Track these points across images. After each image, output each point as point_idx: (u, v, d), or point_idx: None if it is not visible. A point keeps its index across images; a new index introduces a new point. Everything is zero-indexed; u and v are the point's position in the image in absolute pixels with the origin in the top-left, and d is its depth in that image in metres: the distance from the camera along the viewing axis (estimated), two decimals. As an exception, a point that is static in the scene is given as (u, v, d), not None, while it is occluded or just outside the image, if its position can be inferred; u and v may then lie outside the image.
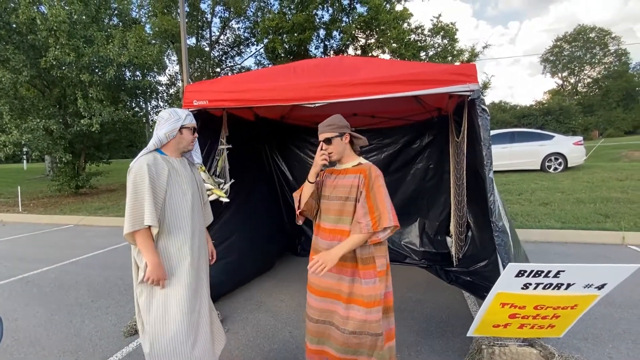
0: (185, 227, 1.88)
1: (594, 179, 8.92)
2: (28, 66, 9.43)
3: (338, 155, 1.94)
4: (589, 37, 43.11)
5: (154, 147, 1.89)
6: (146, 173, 1.74)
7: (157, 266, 1.74)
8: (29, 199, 11.36)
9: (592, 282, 1.77)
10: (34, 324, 3.16)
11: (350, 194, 1.86)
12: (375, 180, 1.83)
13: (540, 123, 28.95)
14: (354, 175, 1.88)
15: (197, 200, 2.00)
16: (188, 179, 1.95)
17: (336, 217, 1.89)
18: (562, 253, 4.68)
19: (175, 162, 1.93)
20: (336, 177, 1.96)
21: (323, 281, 1.92)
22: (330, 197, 1.94)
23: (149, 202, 1.71)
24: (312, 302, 1.98)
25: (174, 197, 1.86)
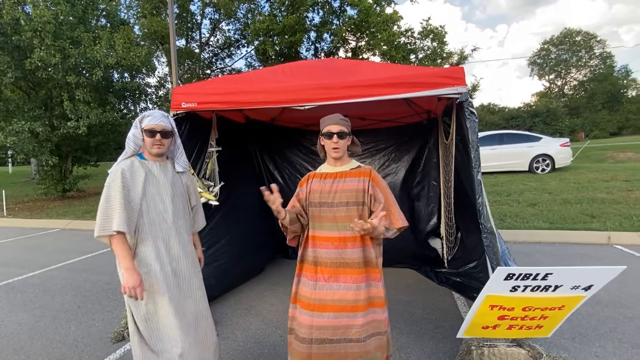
0: (164, 233, 1.84)
1: (580, 179, 9.09)
2: (12, 67, 9.24)
3: (342, 153, 1.83)
4: (575, 41, 44.04)
5: (133, 151, 1.86)
6: (119, 179, 1.74)
7: (130, 272, 1.71)
8: (14, 203, 11.11)
9: (579, 284, 1.79)
10: (17, 330, 3.08)
11: (357, 198, 1.76)
12: (381, 182, 1.81)
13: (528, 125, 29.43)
14: (357, 178, 1.80)
15: (178, 205, 1.93)
16: (167, 184, 1.89)
17: (345, 223, 1.73)
18: (549, 253, 4.75)
19: (154, 166, 1.88)
20: (334, 181, 1.82)
21: (336, 294, 1.73)
22: (333, 204, 1.78)
23: (119, 209, 1.71)
24: (323, 322, 1.72)
25: (151, 203, 1.82)
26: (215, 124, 3.38)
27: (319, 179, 1.86)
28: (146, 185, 1.81)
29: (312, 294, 1.77)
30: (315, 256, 1.81)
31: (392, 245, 4.13)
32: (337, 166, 1.87)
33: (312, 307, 1.76)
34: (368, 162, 4.38)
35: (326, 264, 1.77)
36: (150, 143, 1.85)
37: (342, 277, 1.75)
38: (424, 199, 4.23)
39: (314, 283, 1.78)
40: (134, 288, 1.69)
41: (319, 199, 1.81)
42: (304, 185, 1.90)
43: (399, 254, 4.21)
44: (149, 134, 1.84)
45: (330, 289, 1.74)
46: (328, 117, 1.84)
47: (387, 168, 4.35)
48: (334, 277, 1.75)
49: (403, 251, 4.21)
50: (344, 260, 1.75)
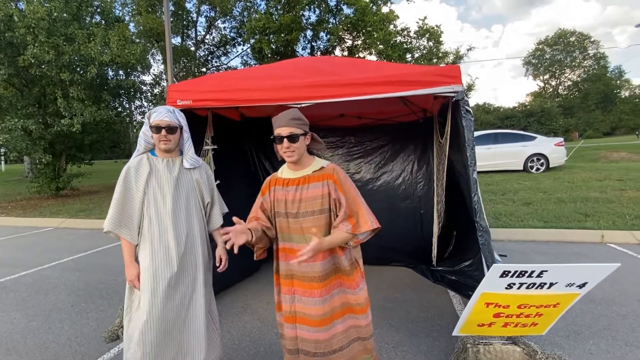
0: (163, 230, 1.85)
1: (574, 179, 9.16)
2: (5, 64, 9.13)
3: (299, 157, 1.63)
4: (569, 41, 44.45)
5: (144, 149, 1.93)
6: (123, 177, 1.85)
7: (128, 265, 1.84)
8: (7, 201, 10.99)
9: (573, 281, 1.81)
10: (10, 330, 3.04)
11: (323, 205, 1.61)
12: (345, 182, 1.63)
13: (522, 124, 29.66)
14: (321, 182, 1.62)
15: (181, 203, 1.91)
16: (170, 181, 1.89)
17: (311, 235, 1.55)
18: (544, 252, 4.78)
19: (160, 162, 1.90)
20: (296, 189, 1.64)
21: (313, 309, 1.63)
22: (299, 215, 1.63)
23: (113, 208, 1.83)
24: (305, 335, 1.66)
25: (152, 200, 1.86)
26: (211, 122, 3.36)
27: (282, 187, 1.69)
28: (149, 180, 1.86)
29: (291, 307, 1.70)
30: (289, 269, 1.69)
31: (388, 244, 4.16)
32: (298, 170, 1.68)
33: (293, 319, 1.69)
34: (364, 162, 4.38)
35: (300, 278, 1.66)
36: (157, 139, 1.88)
37: (316, 291, 1.63)
38: (420, 197, 4.23)
39: (292, 297, 1.70)
40: (131, 281, 1.83)
41: (284, 209, 1.66)
42: (267, 194, 1.73)
43: (395, 252, 4.23)
44: (155, 130, 1.86)
45: (307, 304, 1.65)
46: (277, 118, 1.63)
47: (383, 167, 4.35)
48: (309, 292, 1.64)
49: (398, 250, 4.22)
50: (316, 273, 1.63)
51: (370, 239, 1.68)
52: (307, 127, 1.67)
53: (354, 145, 4.41)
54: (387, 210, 4.18)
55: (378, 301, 3.33)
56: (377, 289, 3.61)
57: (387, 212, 4.16)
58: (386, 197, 4.30)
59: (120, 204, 1.83)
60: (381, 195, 4.30)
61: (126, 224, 1.84)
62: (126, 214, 1.83)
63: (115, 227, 1.83)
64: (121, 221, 1.83)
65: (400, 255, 4.23)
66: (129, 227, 1.85)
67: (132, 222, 1.84)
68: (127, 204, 1.84)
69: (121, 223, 1.83)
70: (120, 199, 1.83)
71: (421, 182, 4.21)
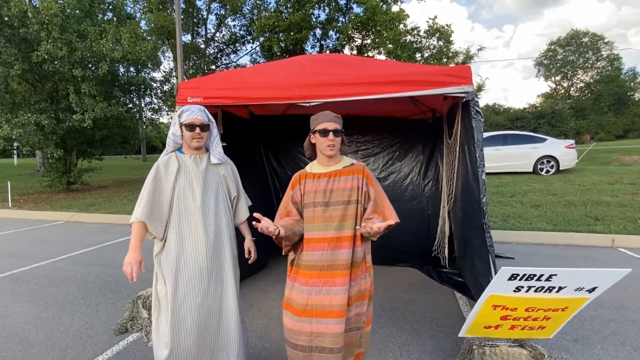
0: (193, 225, 1.89)
1: (585, 182, 9.04)
2: (19, 60, 9.29)
3: (337, 151, 1.81)
4: (582, 42, 43.70)
5: (173, 148, 1.97)
6: (153, 173, 1.88)
7: (132, 250, 1.81)
8: (19, 195, 11.19)
9: (583, 286, 1.79)
10: (22, 320, 3.11)
11: (351, 196, 1.76)
12: (374, 179, 1.83)
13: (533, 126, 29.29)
14: (351, 176, 1.79)
15: (210, 198, 1.96)
16: (199, 176, 1.94)
17: (340, 222, 1.74)
18: (552, 255, 4.73)
19: (188, 159, 1.95)
20: (328, 181, 1.79)
21: (334, 299, 1.69)
22: (330, 204, 1.76)
23: (145, 200, 1.83)
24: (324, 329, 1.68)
25: (181, 195, 1.90)
26: (221, 119, 3.38)
27: (313, 180, 1.82)
28: (178, 177, 1.90)
29: (308, 299, 1.71)
30: (312, 259, 1.75)
31: (394, 245, 4.16)
32: (330, 165, 1.83)
33: (309, 313, 1.70)
34: (372, 161, 4.37)
35: (322, 267, 1.72)
36: (190, 137, 1.92)
37: (338, 280, 1.70)
38: (428, 199, 4.21)
39: (309, 289, 1.72)
40: (130, 264, 1.77)
41: (313, 199, 1.78)
42: (297, 187, 1.85)
43: (401, 253, 4.22)
44: (189, 128, 1.90)
45: (328, 294, 1.69)
46: (322, 115, 1.80)
47: (390, 166, 4.34)
48: (331, 281, 1.71)
49: (405, 250, 4.21)
50: (340, 261, 1.72)
51: (378, 239, 1.76)
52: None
53: (362, 145, 4.40)
54: (395, 210, 4.17)
55: (384, 301, 3.34)
56: (384, 289, 3.61)
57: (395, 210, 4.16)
58: (393, 197, 4.24)
59: (151, 199, 1.85)
60: (388, 195, 4.27)
61: (156, 218, 1.86)
62: (156, 208, 1.86)
63: (148, 218, 1.82)
64: (152, 214, 1.84)
65: (406, 255, 4.23)
66: (159, 221, 1.87)
67: (161, 217, 1.87)
68: (157, 199, 1.87)
69: (152, 216, 1.84)
70: (150, 194, 1.85)
71: (429, 182, 4.20)
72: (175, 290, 1.84)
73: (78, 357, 2.54)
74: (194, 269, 1.87)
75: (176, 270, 1.85)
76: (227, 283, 1.99)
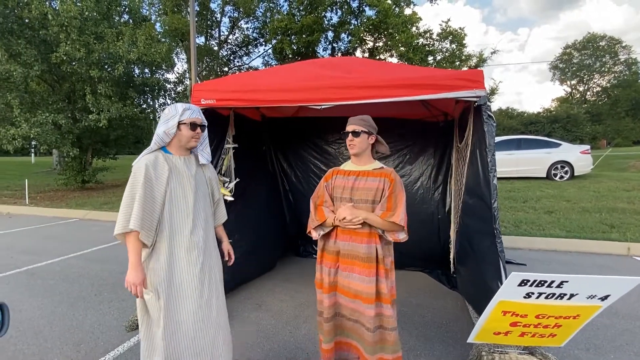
0: (185, 229, 1.81)
1: (600, 188, 8.85)
2: (39, 61, 9.55)
3: (359, 150, 1.97)
4: (599, 46, 42.82)
5: (157, 146, 1.84)
6: (143, 175, 1.71)
7: (134, 269, 1.68)
8: (36, 192, 11.48)
9: (595, 293, 1.76)
10: (37, 315, 3.19)
11: (375, 197, 1.91)
12: (398, 185, 1.92)
13: (547, 130, 28.78)
14: (379, 178, 1.93)
15: (200, 199, 1.90)
16: (191, 179, 1.86)
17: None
18: (565, 262, 4.65)
19: (178, 160, 1.86)
20: (356, 179, 1.97)
21: (352, 283, 1.92)
22: (354, 200, 1.94)
23: (138, 206, 1.68)
24: (343, 302, 1.97)
25: (174, 199, 1.80)
26: (233, 121, 3.43)
27: (343, 176, 2.02)
28: (170, 180, 1.79)
29: (332, 279, 1.97)
30: (337, 247, 1.97)
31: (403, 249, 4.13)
32: (360, 165, 2.01)
33: (332, 289, 1.98)
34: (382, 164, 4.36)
35: (344, 255, 1.95)
36: (190, 136, 1.84)
37: (357, 268, 1.91)
38: (438, 203, 4.19)
39: (335, 270, 1.98)
40: (135, 285, 1.68)
41: (341, 194, 1.97)
42: (329, 181, 2.06)
43: (410, 257, 4.19)
44: (192, 126, 1.83)
45: (348, 278, 1.93)
46: (350, 118, 2.01)
47: (401, 170, 4.32)
48: (349, 268, 1.93)
49: (414, 254, 4.18)
50: (359, 254, 1.90)
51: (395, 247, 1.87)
52: (373, 129, 2.02)
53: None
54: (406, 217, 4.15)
55: (392, 304, 3.32)
56: (392, 292, 3.59)
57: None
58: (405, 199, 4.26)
59: (142, 205, 1.69)
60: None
61: (147, 226, 1.71)
62: (147, 215, 1.71)
63: (141, 226, 1.68)
64: (144, 221, 1.70)
65: (415, 260, 4.20)
66: (150, 229, 1.73)
67: (152, 225, 1.74)
68: (149, 205, 1.72)
69: (144, 223, 1.70)
70: (143, 199, 1.69)
71: (440, 187, 4.17)
72: (168, 301, 1.74)
73: (91, 352, 2.60)
74: (188, 277, 1.79)
75: (169, 279, 1.75)
76: (219, 289, 1.93)
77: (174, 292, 1.77)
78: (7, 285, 3.96)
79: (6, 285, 3.94)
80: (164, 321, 1.74)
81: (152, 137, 1.88)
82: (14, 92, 9.75)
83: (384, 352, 1.92)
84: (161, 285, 1.74)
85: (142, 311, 1.81)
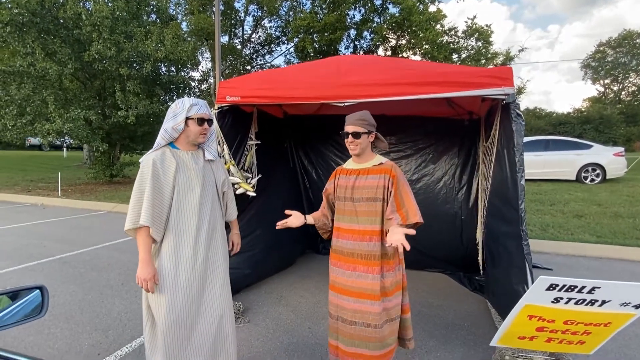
0: (190, 224, 1.79)
1: (634, 192, 8.43)
2: (73, 59, 9.97)
3: (361, 151, 1.95)
4: (635, 43, 40.63)
5: (165, 142, 1.84)
6: (150, 170, 1.72)
7: (145, 264, 1.68)
8: (68, 185, 12.01)
9: (629, 301, 1.68)
10: (69, 301, 3.35)
11: (377, 194, 1.88)
12: (401, 179, 1.89)
13: (577, 132, 27.58)
14: (379, 175, 1.90)
15: (207, 195, 1.88)
16: (198, 173, 1.85)
17: (366, 217, 1.90)
18: (595, 268, 4.46)
19: (186, 155, 1.85)
20: (356, 177, 1.95)
21: (355, 282, 1.89)
22: (354, 199, 1.93)
23: (147, 202, 1.69)
24: (344, 304, 1.92)
25: (182, 193, 1.79)
26: (256, 118, 3.47)
27: (345, 175, 2.02)
28: (177, 175, 1.78)
29: (335, 277, 1.98)
30: (339, 246, 1.98)
31: (425, 249, 4.09)
32: (360, 163, 1.99)
33: (336, 289, 1.97)
34: (404, 163, 4.31)
35: (346, 254, 1.95)
36: (198, 132, 1.84)
37: (359, 266, 1.90)
38: (462, 203, 4.10)
39: (338, 269, 1.98)
40: (145, 280, 1.67)
41: (343, 194, 1.98)
42: (332, 181, 2.08)
43: (432, 258, 4.13)
44: (200, 122, 1.83)
45: (350, 277, 1.92)
46: (348, 117, 1.96)
47: (424, 169, 4.26)
48: (352, 267, 1.92)
49: (436, 255, 4.12)
50: (361, 252, 1.90)
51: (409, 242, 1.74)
52: (372, 127, 1.97)
53: (394, 146, 4.35)
54: (426, 214, 4.07)
55: (413, 305, 3.24)
56: (413, 293, 3.51)
57: (426, 215, 4.06)
58: (426, 200, 4.20)
59: (152, 200, 1.70)
60: (420, 197, 4.21)
61: (157, 221, 1.72)
62: (157, 210, 1.72)
63: (151, 222, 1.69)
64: (154, 216, 1.71)
65: (437, 261, 4.14)
66: (159, 224, 1.73)
67: (162, 220, 1.74)
68: (158, 200, 1.73)
69: (154, 219, 1.71)
70: (151, 195, 1.70)
71: (464, 187, 4.08)
72: (171, 298, 1.73)
73: (118, 338, 2.71)
74: (192, 275, 1.78)
75: (174, 277, 1.74)
76: (223, 286, 1.91)
77: (178, 289, 1.75)
78: (41, 272, 4.17)
79: (40, 272, 4.15)
80: (165, 319, 1.72)
81: None
82: (49, 89, 10.22)
83: (389, 343, 1.92)
84: (166, 281, 1.74)
85: (146, 309, 1.80)
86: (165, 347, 1.73)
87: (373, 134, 1.98)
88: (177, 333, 1.75)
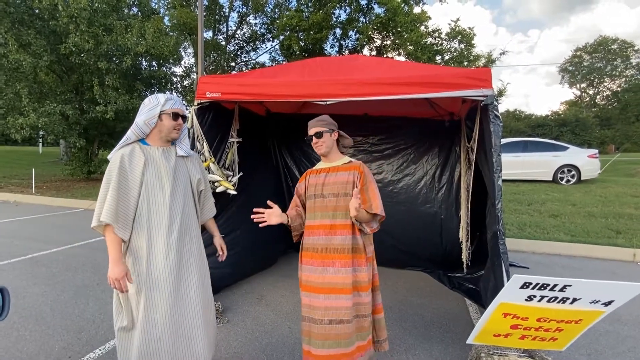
0: (161, 222, 1.74)
1: (607, 193, 8.75)
2: (48, 51, 9.61)
3: (327, 149, 2.03)
4: (610, 49, 42.20)
5: (135, 137, 1.78)
6: (117, 167, 1.67)
7: (115, 263, 1.64)
8: (42, 182, 11.58)
9: (599, 298, 1.73)
10: (40, 302, 3.23)
11: (346, 189, 1.95)
12: (368, 176, 1.97)
13: (555, 134, 28.48)
14: (348, 172, 1.99)
15: (179, 193, 1.82)
16: (169, 170, 1.79)
17: (333, 212, 1.96)
18: (569, 266, 4.60)
19: (156, 152, 1.79)
20: (326, 175, 2.03)
21: (326, 277, 1.90)
22: (324, 195, 1.99)
23: (111, 199, 1.63)
24: (315, 302, 1.90)
25: (150, 191, 1.73)
26: (237, 115, 3.42)
27: (315, 174, 2.09)
28: (145, 171, 1.73)
29: (307, 276, 1.97)
30: (311, 243, 2.00)
31: (405, 248, 4.12)
32: (330, 162, 2.08)
33: (307, 288, 1.96)
34: (386, 163, 4.33)
35: (318, 250, 1.96)
36: (172, 127, 1.80)
37: (331, 261, 1.92)
38: (442, 203, 4.16)
39: (309, 267, 1.98)
40: (117, 280, 1.63)
41: (313, 191, 2.03)
42: (303, 182, 2.12)
43: (412, 257, 4.18)
44: (174, 116, 1.79)
45: (322, 273, 1.92)
46: (308, 122, 2.08)
47: (405, 169, 4.29)
48: (324, 262, 1.93)
49: (416, 254, 4.17)
50: (333, 246, 1.93)
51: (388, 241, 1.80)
52: (334, 126, 2.06)
53: (377, 146, 4.37)
54: (406, 214, 4.13)
55: (392, 303, 3.31)
56: (392, 292, 3.59)
57: (406, 215, 4.12)
58: (406, 200, 4.24)
59: (116, 197, 1.64)
60: (401, 197, 4.25)
61: (122, 219, 1.67)
62: (122, 208, 1.66)
63: (114, 220, 1.63)
64: (118, 214, 1.65)
65: (417, 259, 4.18)
66: (125, 223, 1.68)
67: (127, 218, 1.69)
68: (123, 197, 1.67)
69: (118, 216, 1.65)
70: (116, 191, 1.64)
71: (444, 186, 4.13)
72: (147, 297, 1.69)
73: (91, 339, 2.62)
74: (164, 274, 1.71)
75: (146, 276, 1.69)
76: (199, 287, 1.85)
77: (152, 288, 1.70)
78: (11, 272, 4.00)
79: (10, 272, 3.98)
80: (141, 319, 1.68)
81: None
82: (23, 81, 9.83)
83: (359, 340, 1.93)
84: (140, 279, 1.69)
85: (117, 309, 1.75)
86: (140, 349, 1.69)
87: (335, 132, 2.06)
88: (151, 336, 1.70)
